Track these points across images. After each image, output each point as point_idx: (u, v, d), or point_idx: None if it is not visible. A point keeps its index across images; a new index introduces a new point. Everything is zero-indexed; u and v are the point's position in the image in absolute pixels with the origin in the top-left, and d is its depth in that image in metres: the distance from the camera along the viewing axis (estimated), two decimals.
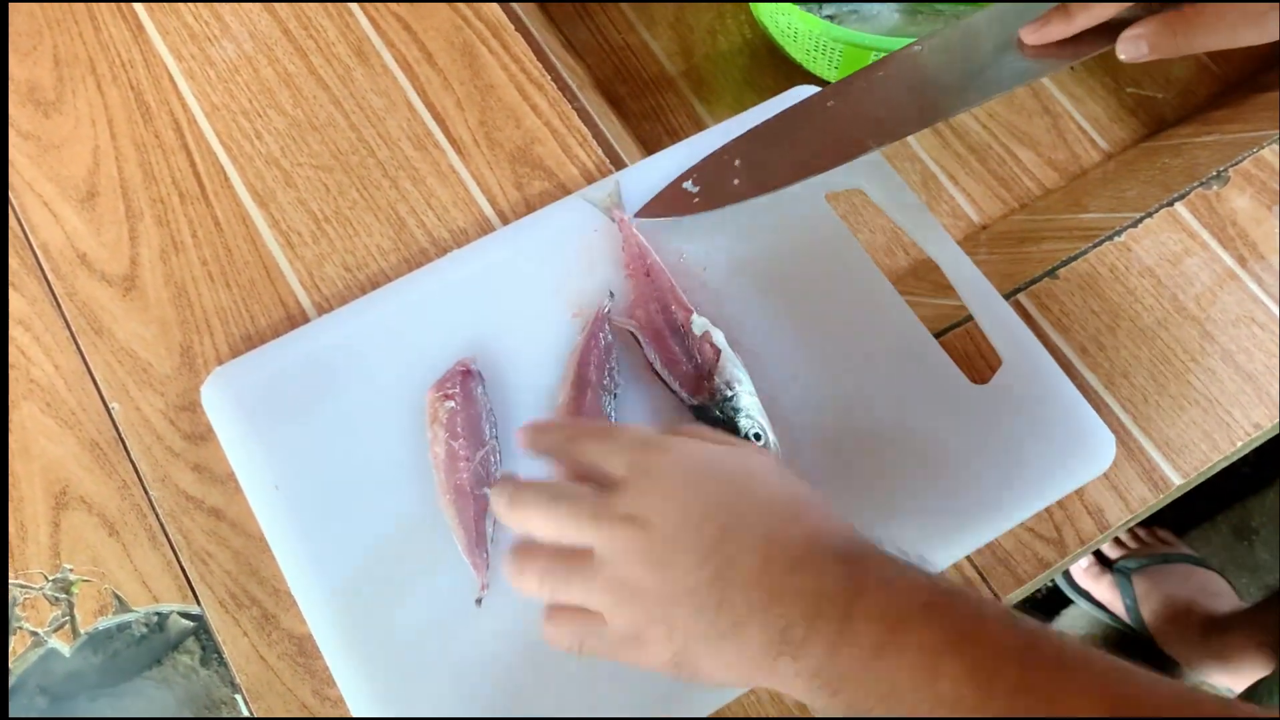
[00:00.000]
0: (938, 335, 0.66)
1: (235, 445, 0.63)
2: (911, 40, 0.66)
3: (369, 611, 0.58)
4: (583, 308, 0.65)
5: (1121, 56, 0.61)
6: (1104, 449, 0.62)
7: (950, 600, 0.44)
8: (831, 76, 0.82)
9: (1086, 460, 0.62)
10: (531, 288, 0.66)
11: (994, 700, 0.40)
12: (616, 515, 0.48)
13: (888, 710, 0.42)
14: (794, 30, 0.80)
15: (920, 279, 0.78)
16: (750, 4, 0.85)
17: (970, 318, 0.66)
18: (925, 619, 0.43)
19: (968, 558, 0.61)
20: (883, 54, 0.76)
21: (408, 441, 0.61)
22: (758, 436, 0.59)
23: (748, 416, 0.59)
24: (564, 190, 0.71)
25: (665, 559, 0.46)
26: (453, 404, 0.61)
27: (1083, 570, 1.48)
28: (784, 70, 0.87)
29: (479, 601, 0.58)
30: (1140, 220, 0.70)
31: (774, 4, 0.79)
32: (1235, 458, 0.66)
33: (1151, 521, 1.42)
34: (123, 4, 0.77)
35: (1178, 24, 0.59)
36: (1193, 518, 1.47)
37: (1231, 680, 1.37)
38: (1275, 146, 0.72)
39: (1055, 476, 0.61)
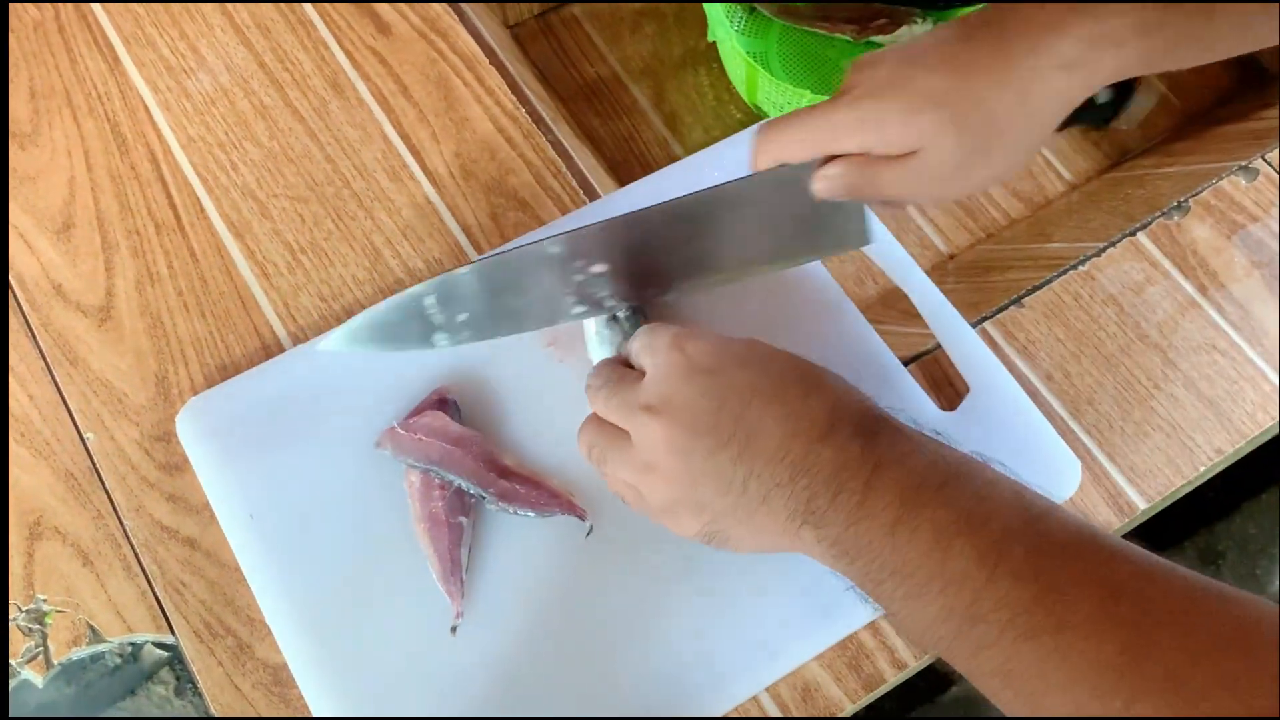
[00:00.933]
0: (906, 363, 0.67)
1: (210, 475, 0.63)
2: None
3: (344, 640, 0.59)
4: (556, 337, 0.66)
5: (819, 194, 0.57)
6: (1069, 474, 0.63)
7: (964, 478, 0.46)
8: None
9: (1052, 485, 0.63)
10: None
11: (999, 582, 0.42)
12: (639, 405, 0.52)
13: (900, 583, 0.45)
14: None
15: (889, 307, 0.79)
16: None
17: (938, 345, 0.67)
18: (938, 498, 0.45)
19: None
20: None
21: (383, 470, 0.62)
22: None
23: None
24: (539, 220, 0.72)
25: (687, 445, 0.50)
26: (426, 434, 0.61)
27: None
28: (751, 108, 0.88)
29: (454, 630, 0.59)
30: (1103, 250, 0.72)
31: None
32: (1199, 482, 0.67)
33: None
34: (99, 37, 0.77)
35: (868, 167, 0.55)
36: (1160, 542, 1.49)
37: None
38: (1234, 178, 0.74)
39: None
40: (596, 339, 0.62)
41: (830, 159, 0.56)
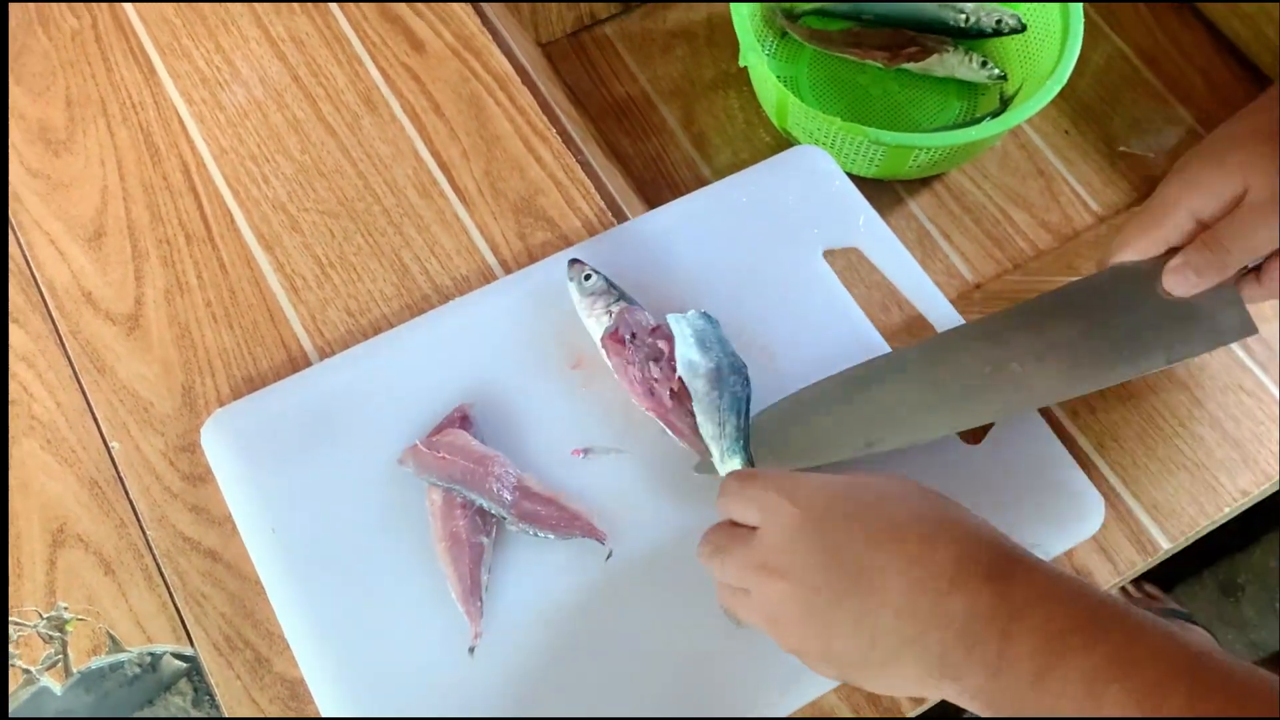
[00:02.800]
0: None
1: (234, 487, 0.63)
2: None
3: (362, 657, 0.59)
4: (581, 358, 0.66)
5: (1174, 292, 0.58)
6: (1093, 511, 0.63)
7: (1110, 617, 0.43)
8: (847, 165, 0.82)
9: (1076, 522, 0.63)
10: (531, 337, 0.67)
11: None
12: (754, 566, 0.50)
13: None
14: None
15: (914, 336, 0.79)
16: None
17: None
18: (1085, 642, 0.42)
19: None
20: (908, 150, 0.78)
21: (405, 487, 0.62)
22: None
23: None
24: (566, 241, 0.72)
25: (807, 604, 0.48)
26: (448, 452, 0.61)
27: None
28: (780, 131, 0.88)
29: (472, 651, 0.59)
30: None
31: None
32: (1222, 521, 0.66)
33: (1139, 576, 1.42)
34: (136, 47, 0.78)
35: (1212, 244, 0.56)
36: (1179, 573, 1.48)
37: None
38: None
39: (1046, 537, 0.62)
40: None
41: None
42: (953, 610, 0.45)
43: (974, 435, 0.64)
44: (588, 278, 0.65)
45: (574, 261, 0.67)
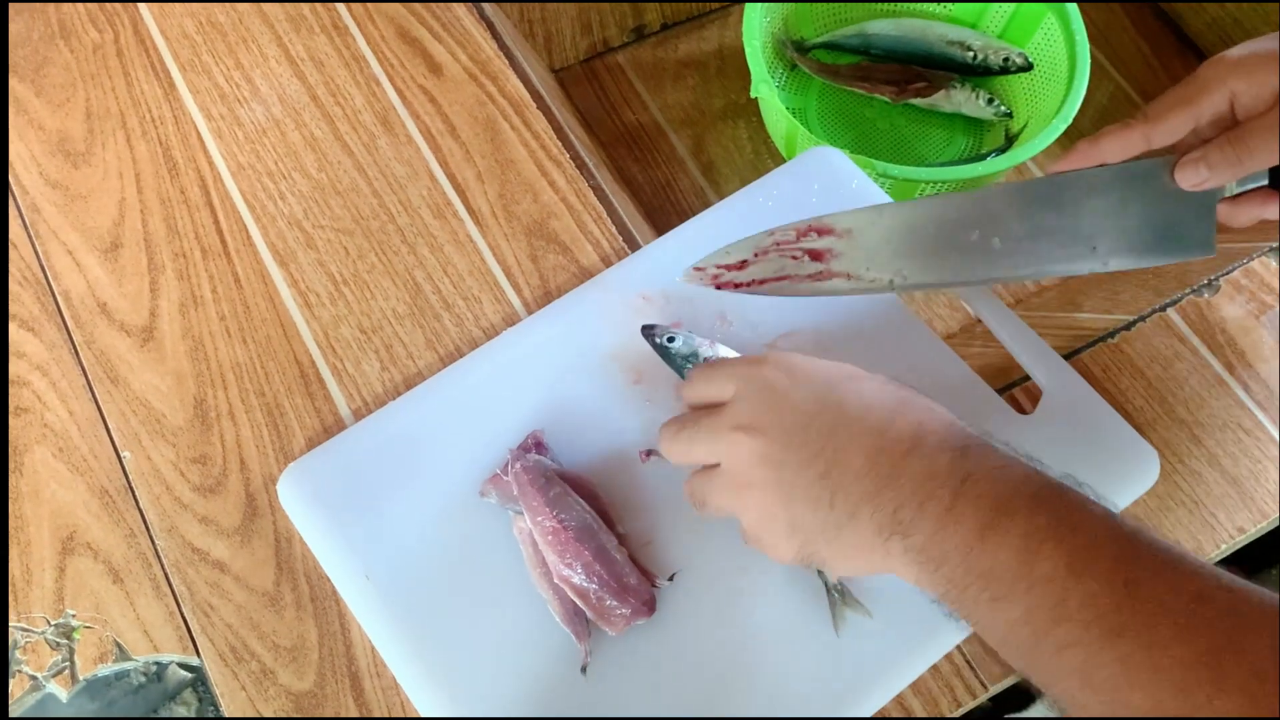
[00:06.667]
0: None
1: (319, 539, 0.62)
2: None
3: (479, 691, 0.58)
4: (641, 374, 0.67)
5: (1182, 184, 0.59)
6: (1149, 465, 0.64)
7: (1055, 491, 0.47)
8: None
9: (1132, 476, 0.64)
10: (590, 360, 0.67)
11: (1086, 583, 0.43)
12: (729, 427, 0.53)
13: (985, 586, 0.45)
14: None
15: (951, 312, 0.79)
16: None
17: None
18: (1030, 506, 0.46)
19: (958, 647, 0.62)
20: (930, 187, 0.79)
21: (491, 517, 0.62)
22: None
23: None
24: (577, 263, 0.73)
25: (780, 458, 0.51)
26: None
27: None
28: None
29: (584, 670, 0.58)
30: (1134, 323, 0.73)
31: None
32: (1218, 559, 0.67)
33: None
34: (156, 62, 0.79)
35: (1236, 141, 0.57)
36: None
37: None
38: (1265, 259, 0.75)
39: (1107, 494, 0.63)
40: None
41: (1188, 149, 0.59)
42: (909, 471, 0.48)
43: (1026, 405, 0.66)
44: (671, 340, 0.65)
45: (648, 327, 0.66)
